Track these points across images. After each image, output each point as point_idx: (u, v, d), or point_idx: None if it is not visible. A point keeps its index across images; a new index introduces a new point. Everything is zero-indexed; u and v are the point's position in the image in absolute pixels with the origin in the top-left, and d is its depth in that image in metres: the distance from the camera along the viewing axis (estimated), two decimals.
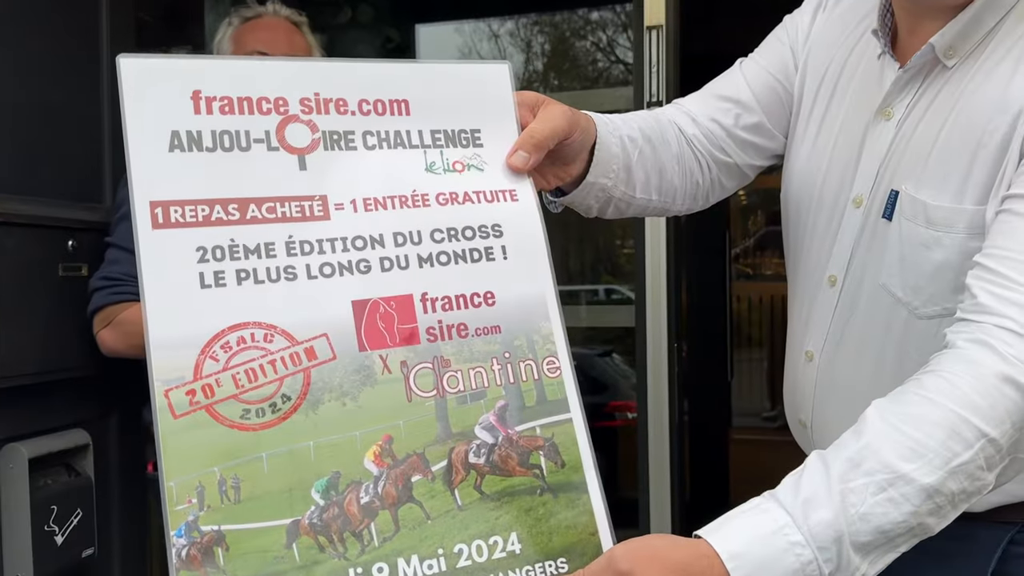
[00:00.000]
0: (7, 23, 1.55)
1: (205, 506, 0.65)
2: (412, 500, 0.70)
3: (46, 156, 1.63)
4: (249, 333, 0.69)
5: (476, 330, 0.76)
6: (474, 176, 0.81)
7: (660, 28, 1.94)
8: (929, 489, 0.68)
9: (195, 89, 0.74)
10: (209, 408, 0.67)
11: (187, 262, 0.70)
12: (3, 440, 1.51)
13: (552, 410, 0.76)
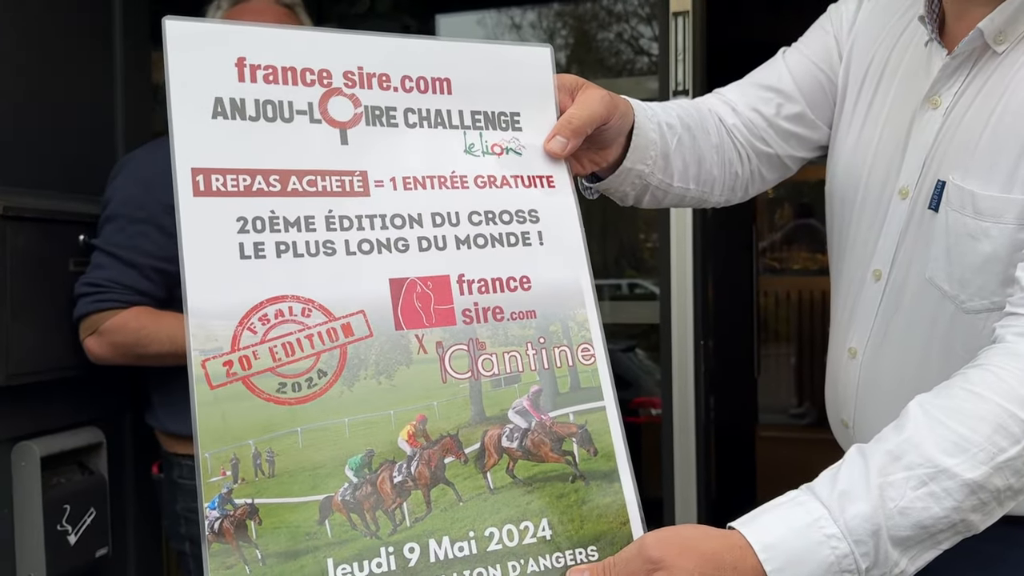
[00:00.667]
0: (20, 17, 1.53)
1: (239, 479, 0.64)
2: (445, 481, 0.70)
3: (57, 150, 1.61)
4: (287, 307, 0.68)
5: (511, 314, 0.75)
6: (512, 160, 0.80)
7: (687, 14, 1.87)
8: (973, 484, 0.65)
9: (240, 56, 0.71)
10: (246, 380, 0.66)
11: (227, 232, 0.68)
12: (15, 438, 1.49)
13: (586, 397, 0.75)
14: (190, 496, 1.52)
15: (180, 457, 1.53)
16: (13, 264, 1.41)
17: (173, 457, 1.54)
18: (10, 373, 1.40)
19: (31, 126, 1.55)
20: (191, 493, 1.52)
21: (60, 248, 1.50)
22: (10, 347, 1.40)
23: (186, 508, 1.53)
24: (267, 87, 0.72)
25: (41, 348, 1.47)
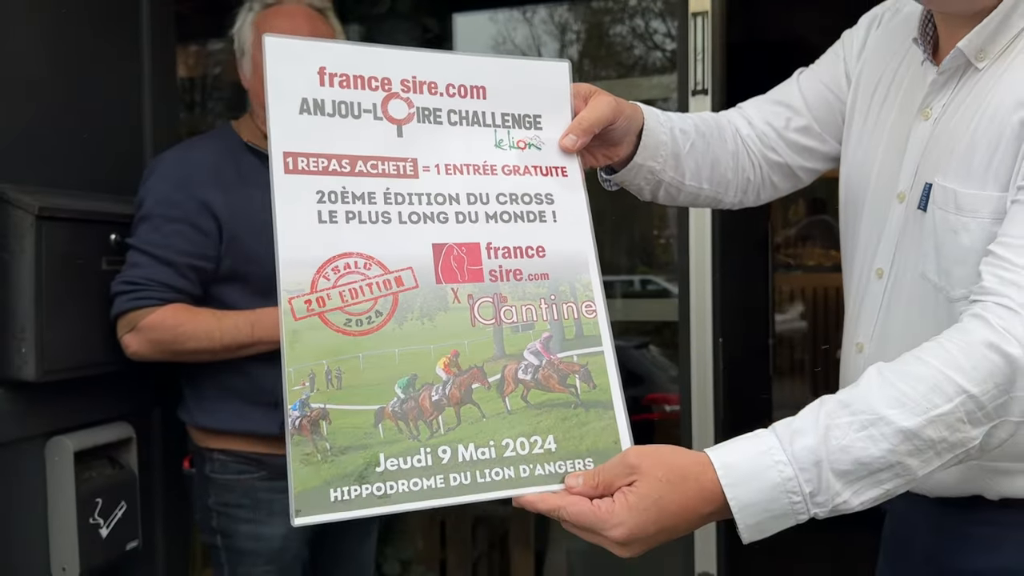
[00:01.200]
0: (49, 18, 1.56)
1: (315, 388, 0.82)
2: (471, 402, 0.87)
3: (86, 150, 1.64)
4: (353, 261, 0.87)
5: (529, 276, 0.93)
6: (533, 153, 0.98)
7: (705, 14, 1.89)
8: (907, 432, 0.76)
9: (321, 66, 0.90)
10: (321, 315, 0.84)
11: (309, 201, 0.87)
12: (48, 433, 1.52)
13: (588, 344, 0.92)
14: (223, 490, 1.55)
15: (213, 452, 1.56)
16: (48, 263, 1.44)
17: (206, 452, 1.57)
18: (45, 369, 1.43)
19: (61, 127, 1.58)
20: (224, 487, 1.55)
21: (92, 247, 1.53)
22: (44, 344, 1.43)
23: (218, 502, 1.56)
24: (341, 91, 0.91)
25: (74, 345, 1.50)
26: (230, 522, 1.55)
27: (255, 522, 1.55)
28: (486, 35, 4.02)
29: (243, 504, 1.55)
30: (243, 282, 1.51)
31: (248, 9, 1.60)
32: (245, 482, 1.55)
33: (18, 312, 1.42)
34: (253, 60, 1.58)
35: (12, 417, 1.45)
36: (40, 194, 1.46)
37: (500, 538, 2.67)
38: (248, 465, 1.55)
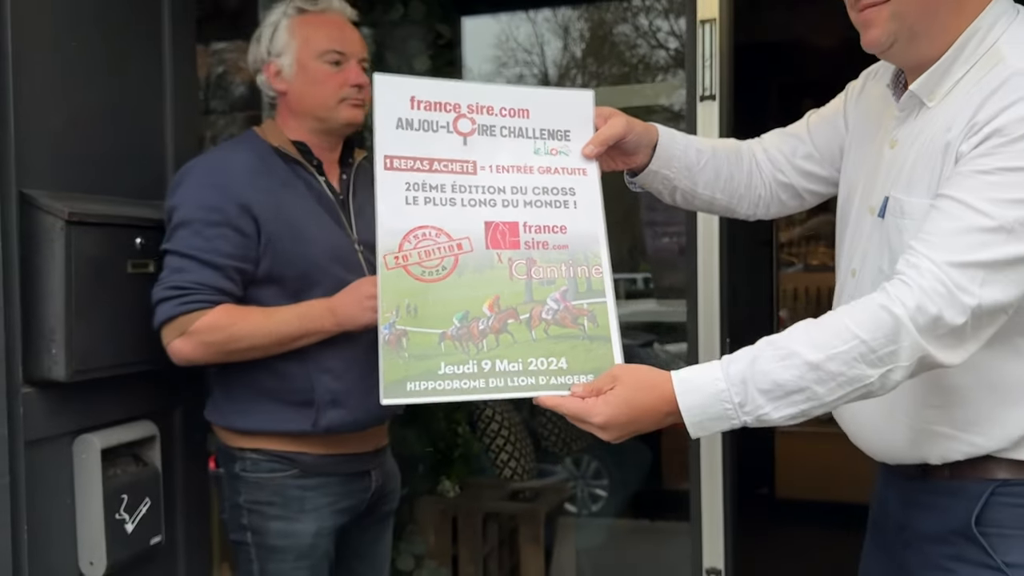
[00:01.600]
0: (71, 25, 1.59)
1: (399, 316, 1.17)
2: (507, 331, 1.19)
3: (111, 155, 1.68)
4: (428, 231, 1.22)
5: (553, 246, 1.26)
6: (561, 158, 1.31)
7: (713, 22, 1.92)
8: (812, 363, 1.01)
9: (412, 95, 1.26)
10: (405, 267, 1.20)
11: (400, 189, 1.23)
12: (76, 431, 1.57)
13: (594, 295, 1.24)
14: (254, 488, 1.58)
15: (245, 451, 1.59)
16: (76, 266, 1.48)
17: (237, 452, 1.60)
18: (74, 370, 1.48)
19: (86, 131, 1.62)
20: (255, 485, 1.59)
21: (118, 251, 1.57)
22: (74, 345, 1.47)
23: (249, 500, 1.59)
24: (425, 113, 1.26)
25: (101, 346, 1.54)
26: (261, 519, 1.59)
27: (286, 519, 1.58)
28: (494, 36, 4.06)
29: (274, 502, 1.58)
30: (279, 284, 1.54)
31: (284, 14, 1.61)
32: (276, 480, 1.58)
33: (48, 314, 1.47)
34: (302, 66, 1.59)
35: (42, 416, 1.49)
36: (69, 199, 1.51)
37: (510, 534, 2.72)
38: (280, 463, 1.59)
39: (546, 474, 3.82)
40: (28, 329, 1.46)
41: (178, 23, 1.83)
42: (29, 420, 1.46)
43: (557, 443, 3.90)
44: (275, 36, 1.62)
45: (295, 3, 1.62)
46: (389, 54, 2.34)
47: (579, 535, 3.13)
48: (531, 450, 3.26)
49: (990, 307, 1.01)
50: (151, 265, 1.64)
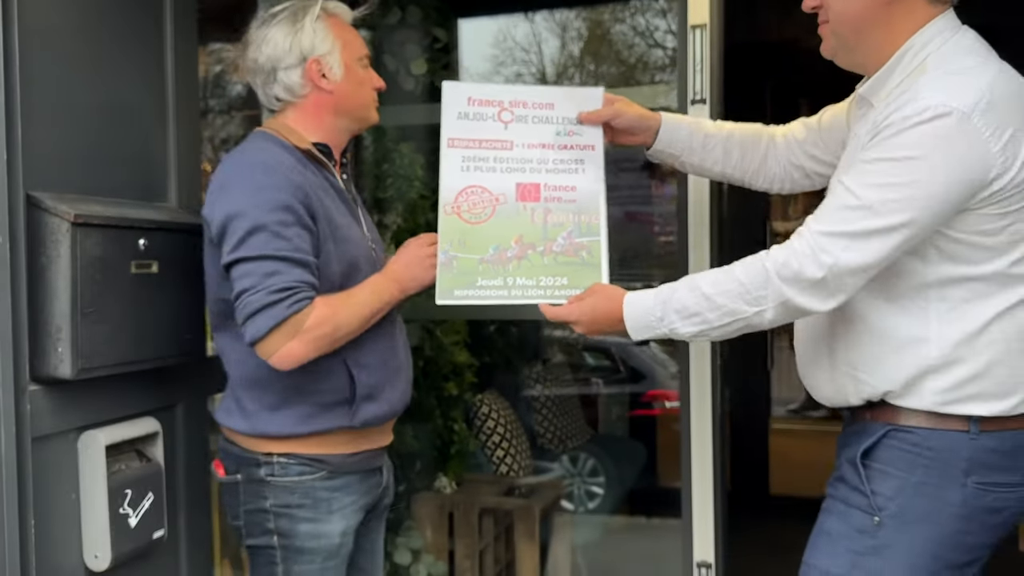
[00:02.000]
0: (75, 29, 1.63)
1: (451, 246, 1.62)
2: (527, 258, 1.65)
3: (114, 157, 1.71)
4: (475, 189, 1.66)
5: (566, 200, 1.69)
6: (576, 138, 1.73)
7: (704, 27, 1.96)
8: (706, 295, 1.38)
9: (469, 96, 1.70)
10: (458, 214, 1.65)
11: (457, 161, 1.67)
12: (81, 428, 1.60)
13: (592, 234, 1.68)
14: (283, 492, 1.57)
15: (273, 456, 1.57)
16: (82, 267, 1.51)
17: (262, 457, 1.57)
18: (80, 368, 1.51)
19: (90, 133, 1.65)
20: (284, 489, 1.57)
21: (122, 252, 1.61)
22: (79, 344, 1.51)
23: (277, 504, 1.57)
24: (478, 107, 1.69)
25: (106, 344, 1.57)
26: (291, 522, 1.57)
27: (316, 521, 1.58)
28: (490, 35, 4.10)
29: (304, 504, 1.57)
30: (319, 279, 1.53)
31: (315, 15, 1.60)
32: (306, 483, 1.57)
33: (55, 313, 1.50)
34: (345, 64, 1.61)
35: (49, 412, 1.53)
36: (74, 201, 1.54)
37: (506, 529, 2.76)
38: (309, 466, 1.58)
39: (543, 471, 3.86)
40: (34, 328, 1.50)
41: (180, 26, 1.86)
42: (36, 417, 1.50)
43: (553, 440, 3.94)
44: (317, 35, 1.59)
45: (323, 6, 1.62)
46: (387, 57, 2.37)
47: (575, 531, 3.18)
48: (527, 447, 3.30)
49: (848, 267, 1.28)
50: (154, 265, 1.68)
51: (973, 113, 1.21)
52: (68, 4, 1.60)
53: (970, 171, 1.23)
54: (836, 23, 1.37)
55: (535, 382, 4.03)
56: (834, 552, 1.38)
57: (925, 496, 1.32)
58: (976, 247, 1.28)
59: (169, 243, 1.72)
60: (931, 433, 1.32)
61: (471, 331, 2.91)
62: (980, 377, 1.30)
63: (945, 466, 1.31)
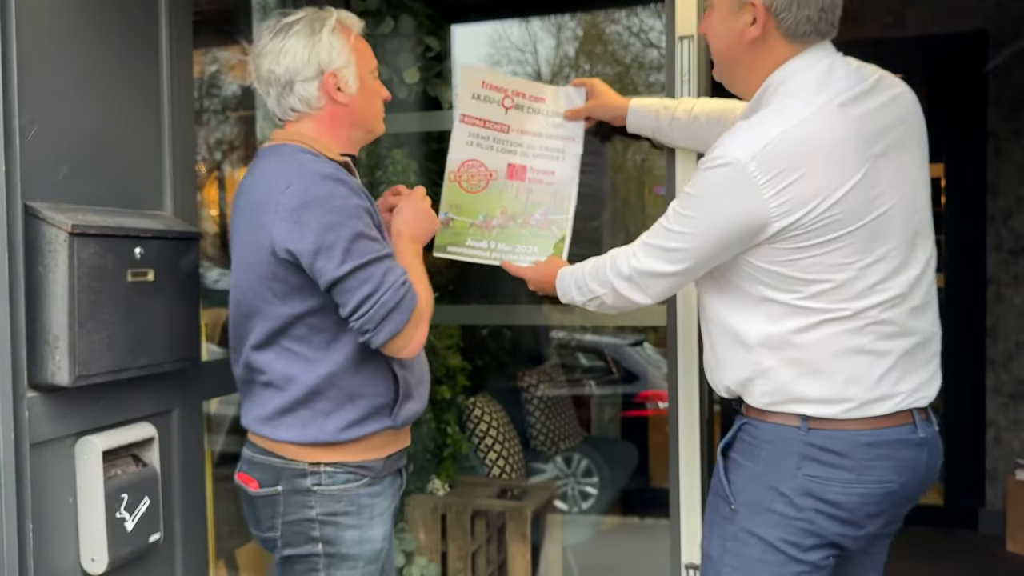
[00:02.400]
0: (72, 40, 1.65)
1: (450, 208, 1.98)
2: (508, 228, 2.00)
3: (110, 166, 1.73)
4: (474, 163, 1.98)
5: (546, 183, 2.03)
6: (561, 129, 2.04)
7: (691, 38, 1.99)
8: (583, 274, 1.72)
9: (483, 79, 1.97)
10: (458, 183, 1.98)
11: (464, 135, 1.97)
12: (78, 433, 1.63)
13: (562, 212, 2.04)
14: (330, 500, 1.59)
15: (320, 465, 1.59)
16: (79, 276, 1.54)
17: (309, 467, 1.59)
18: (78, 375, 1.54)
19: (86, 144, 1.67)
20: (331, 498, 1.59)
21: (119, 260, 1.63)
22: (77, 352, 1.54)
23: (324, 512, 1.59)
24: (487, 91, 1.97)
25: (103, 352, 1.60)
26: (337, 530, 1.60)
27: (360, 527, 1.61)
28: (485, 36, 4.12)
29: (349, 512, 1.60)
30: None
31: (332, 28, 1.61)
32: (351, 491, 1.60)
33: (52, 322, 1.53)
34: (360, 77, 1.64)
35: (46, 419, 1.56)
36: (71, 211, 1.57)
37: (498, 531, 2.79)
38: (354, 474, 1.60)
39: (536, 473, 3.89)
40: (32, 336, 1.53)
41: (176, 35, 1.88)
42: (34, 423, 1.53)
43: (546, 442, 3.97)
44: (334, 48, 1.61)
45: (337, 18, 1.64)
46: (380, 66, 2.39)
47: (567, 531, 3.21)
48: (519, 449, 3.33)
49: (646, 271, 1.55)
50: (150, 273, 1.71)
51: (750, 163, 1.36)
52: (66, 15, 1.62)
53: (744, 214, 1.39)
54: (713, 56, 1.56)
55: (528, 384, 4.07)
56: (711, 537, 1.56)
57: (765, 485, 1.47)
58: (777, 275, 1.43)
59: (164, 251, 1.75)
60: (768, 427, 1.48)
61: (464, 334, 2.94)
62: (798, 385, 1.44)
63: (780, 458, 1.46)
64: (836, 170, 1.37)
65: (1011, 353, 4.21)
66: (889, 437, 1.44)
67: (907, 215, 1.45)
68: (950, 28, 4.21)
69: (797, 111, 1.39)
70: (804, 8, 1.42)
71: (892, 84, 1.52)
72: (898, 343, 1.45)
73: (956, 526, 4.24)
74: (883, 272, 1.43)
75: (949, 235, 4.32)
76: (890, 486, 1.45)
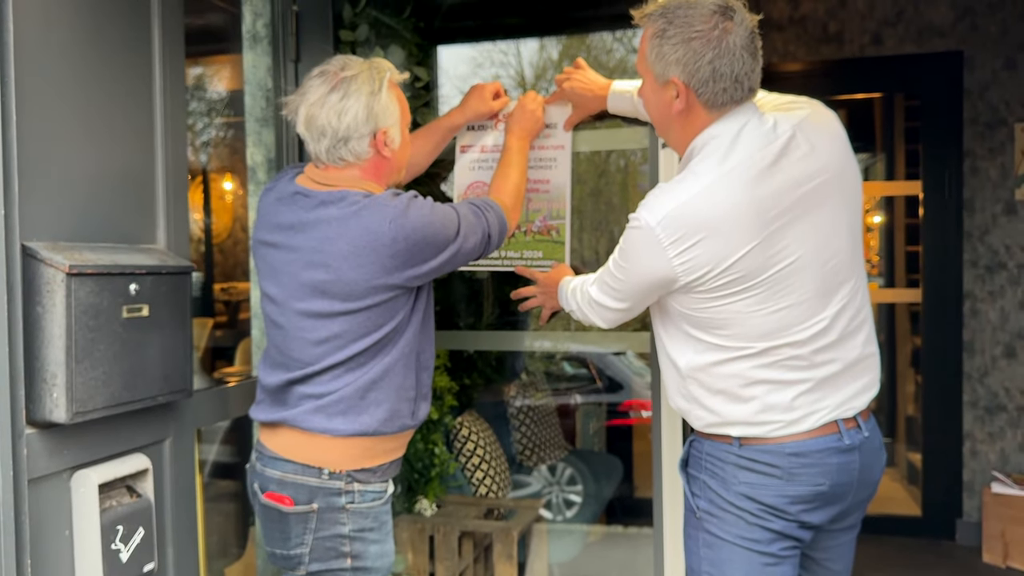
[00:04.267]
0: (68, 81, 1.68)
1: None
2: (514, 236, 2.22)
3: (105, 202, 1.76)
4: (479, 184, 2.24)
5: (542, 191, 2.22)
6: (551, 140, 2.21)
7: None
8: (570, 289, 1.92)
9: None
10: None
11: (466, 163, 2.27)
12: (74, 467, 1.66)
13: (560, 219, 2.22)
14: (360, 517, 1.77)
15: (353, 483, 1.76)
16: (76, 315, 1.57)
17: (343, 484, 1.76)
18: (75, 412, 1.57)
19: (82, 182, 1.70)
20: (361, 515, 1.77)
21: (115, 297, 1.66)
22: (74, 389, 1.57)
23: (355, 528, 1.76)
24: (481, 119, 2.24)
25: (99, 389, 1.63)
26: (364, 545, 1.77)
27: (381, 542, 1.80)
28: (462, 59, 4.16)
29: (373, 527, 1.79)
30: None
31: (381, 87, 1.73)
32: (376, 508, 1.80)
33: (50, 360, 1.56)
34: (404, 138, 1.82)
35: (44, 455, 1.58)
36: (68, 250, 1.60)
37: (485, 551, 2.83)
38: (379, 492, 1.81)
39: (521, 485, 3.93)
40: (30, 374, 1.55)
41: (169, 70, 1.91)
42: (31, 459, 1.55)
43: (532, 458, 4.01)
44: (389, 107, 1.75)
45: (390, 73, 1.77)
46: None
47: (552, 542, 3.25)
48: (506, 467, 3.37)
49: (597, 302, 1.76)
50: (145, 309, 1.74)
51: (657, 226, 1.52)
52: (65, 56, 1.65)
53: (655, 270, 1.56)
54: (654, 122, 1.71)
55: (513, 396, 4.11)
56: (689, 549, 1.70)
57: (715, 493, 1.63)
58: (694, 318, 1.59)
59: (159, 286, 1.78)
60: (709, 443, 1.66)
61: (451, 354, 2.98)
62: (725, 410, 1.61)
63: (720, 469, 1.62)
64: (734, 236, 1.50)
65: (987, 367, 4.29)
66: (813, 447, 1.58)
67: (819, 263, 1.56)
68: (927, 48, 4.30)
69: (703, 177, 1.53)
70: (720, 82, 1.53)
71: (809, 135, 1.58)
72: (813, 372, 1.59)
73: (934, 536, 4.33)
74: (792, 317, 1.55)
75: (927, 250, 4.40)
76: (819, 488, 1.59)
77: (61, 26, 1.64)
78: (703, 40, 1.51)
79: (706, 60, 1.52)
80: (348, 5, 2.43)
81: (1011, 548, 3.93)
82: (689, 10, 1.53)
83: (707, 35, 1.51)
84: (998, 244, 4.26)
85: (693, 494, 1.68)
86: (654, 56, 1.57)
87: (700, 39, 1.52)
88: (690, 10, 1.53)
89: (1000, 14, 4.19)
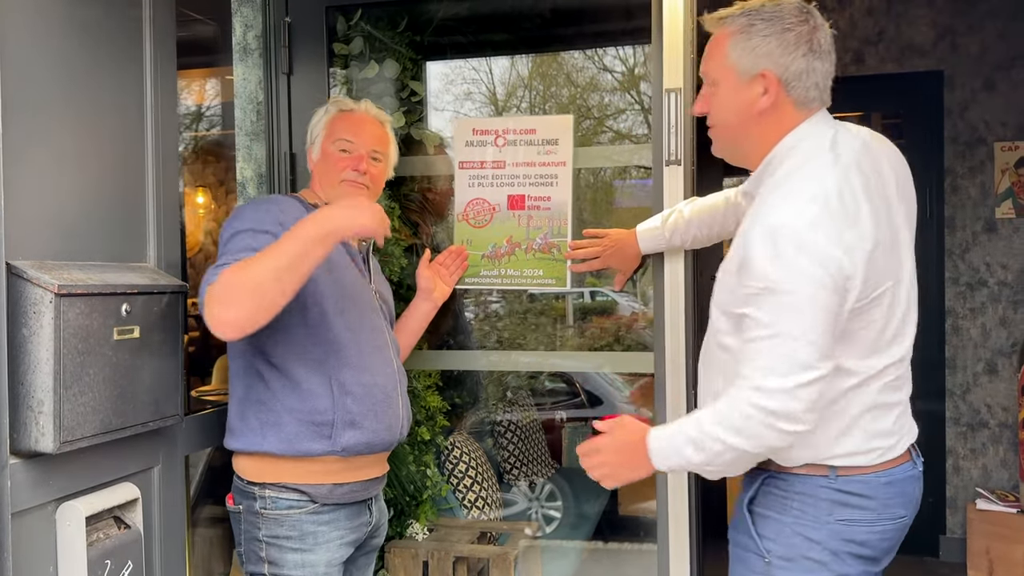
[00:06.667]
0: (57, 94, 1.61)
1: (462, 243, 2.29)
2: (515, 254, 2.24)
3: (94, 221, 1.69)
4: (479, 200, 2.27)
5: (543, 208, 2.21)
6: (552, 156, 2.20)
7: (679, 91, 2.02)
8: (687, 438, 1.47)
9: (473, 127, 2.30)
10: (466, 220, 2.28)
11: (466, 179, 2.29)
12: (60, 499, 1.57)
13: (561, 236, 2.21)
14: (273, 524, 1.80)
15: (265, 487, 1.80)
16: (65, 338, 1.49)
17: (257, 489, 1.81)
18: (62, 441, 1.48)
19: (70, 197, 1.63)
20: (274, 521, 1.80)
21: (105, 319, 1.58)
22: (62, 417, 1.48)
23: (268, 534, 1.80)
24: (480, 136, 2.27)
25: (87, 416, 1.55)
26: (279, 552, 1.79)
27: (302, 551, 1.79)
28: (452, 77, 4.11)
29: (291, 536, 1.79)
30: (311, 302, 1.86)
31: (325, 111, 1.98)
32: (293, 516, 1.79)
33: (35, 386, 1.47)
34: (323, 151, 1.95)
35: (28, 486, 1.49)
36: (56, 269, 1.52)
37: (478, 573, 2.76)
38: (297, 500, 1.79)
39: (507, 504, 3.86)
40: (15, 401, 1.47)
41: (160, 88, 1.85)
42: (15, 492, 1.47)
43: (519, 476, 3.95)
44: (314, 128, 1.98)
45: (332, 104, 2.00)
46: None
47: (545, 563, 3.19)
48: (497, 488, 3.31)
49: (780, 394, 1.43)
50: (136, 330, 1.66)
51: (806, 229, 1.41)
52: (49, 74, 1.58)
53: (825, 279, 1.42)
54: (718, 130, 1.57)
55: (500, 415, 4.05)
56: None
57: (799, 535, 1.49)
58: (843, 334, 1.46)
59: (150, 306, 1.70)
60: (797, 478, 1.51)
61: (442, 373, 2.91)
62: (832, 444, 1.49)
63: (811, 506, 1.50)
64: (868, 233, 1.42)
65: (968, 384, 4.32)
66: (899, 475, 1.53)
67: (910, 274, 1.54)
68: (908, 68, 4.34)
69: (825, 176, 1.44)
70: (812, 76, 1.49)
71: (880, 140, 1.61)
72: (904, 393, 1.55)
73: (917, 554, 4.33)
74: (902, 329, 1.51)
75: None
76: (903, 520, 1.54)
77: (50, 40, 1.57)
78: (796, 33, 1.47)
79: (800, 53, 1.47)
80: (342, 18, 2.38)
81: (996, 565, 3.94)
82: (776, 7, 1.49)
83: (799, 28, 1.47)
84: (979, 262, 4.30)
85: (761, 536, 1.53)
86: (739, 51, 1.49)
87: (793, 31, 1.47)
88: (777, 7, 1.49)
89: (980, 35, 4.25)
